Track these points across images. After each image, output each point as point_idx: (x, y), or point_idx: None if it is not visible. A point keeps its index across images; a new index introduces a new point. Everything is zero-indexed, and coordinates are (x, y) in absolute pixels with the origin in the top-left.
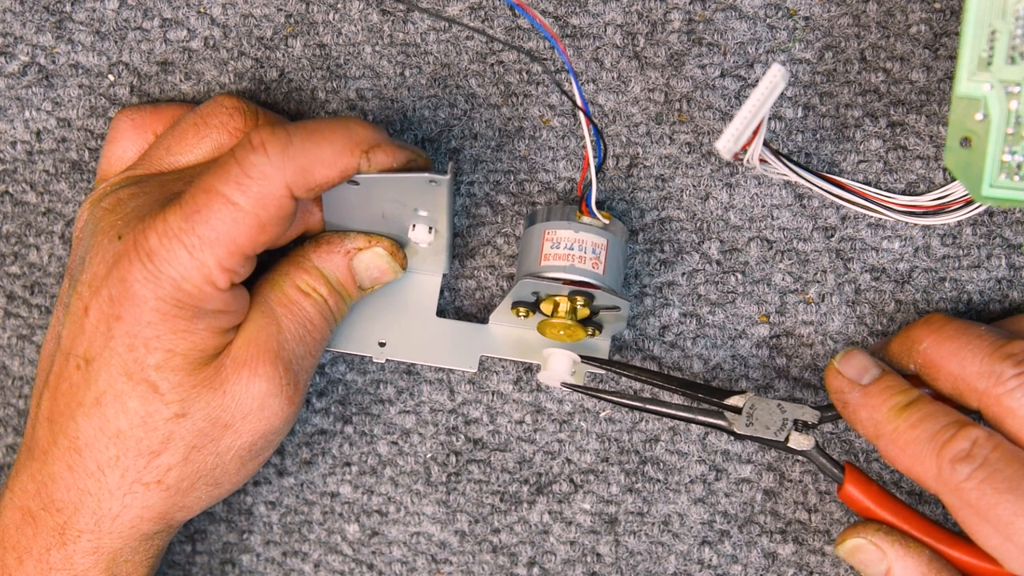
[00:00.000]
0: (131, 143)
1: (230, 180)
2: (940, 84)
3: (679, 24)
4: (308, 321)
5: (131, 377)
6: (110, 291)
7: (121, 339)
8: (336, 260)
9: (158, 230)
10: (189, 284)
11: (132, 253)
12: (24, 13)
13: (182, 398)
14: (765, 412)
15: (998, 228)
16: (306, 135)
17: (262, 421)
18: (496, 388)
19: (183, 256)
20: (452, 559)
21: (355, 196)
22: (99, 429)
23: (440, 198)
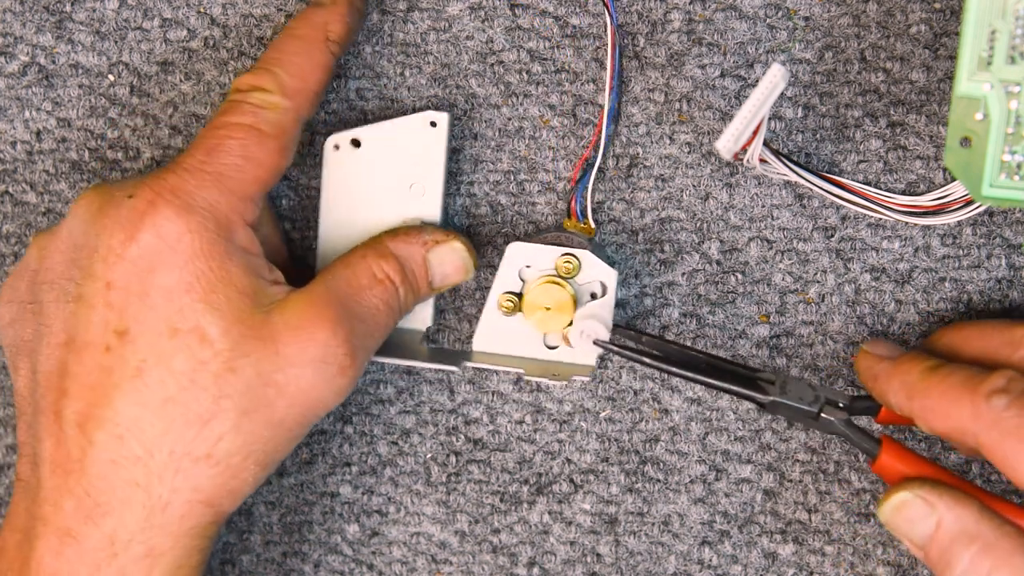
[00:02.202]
0: None
1: (245, 112)
2: (940, 84)
3: (679, 24)
4: (377, 305)
5: (175, 330)
6: (138, 247)
7: (158, 292)
8: (413, 250)
9: (176, 171)
10: (220, 219)
11: (155, 198)
12: (24, 13)
13: (231, 346)
14: (797, 387)
15: (998, 228)
16: (281, 60)
17: (316, 389)
18: (496, 388)
19: (207, 192)
20: (452, 559)
21: (357, 164)
22: (142, 404)
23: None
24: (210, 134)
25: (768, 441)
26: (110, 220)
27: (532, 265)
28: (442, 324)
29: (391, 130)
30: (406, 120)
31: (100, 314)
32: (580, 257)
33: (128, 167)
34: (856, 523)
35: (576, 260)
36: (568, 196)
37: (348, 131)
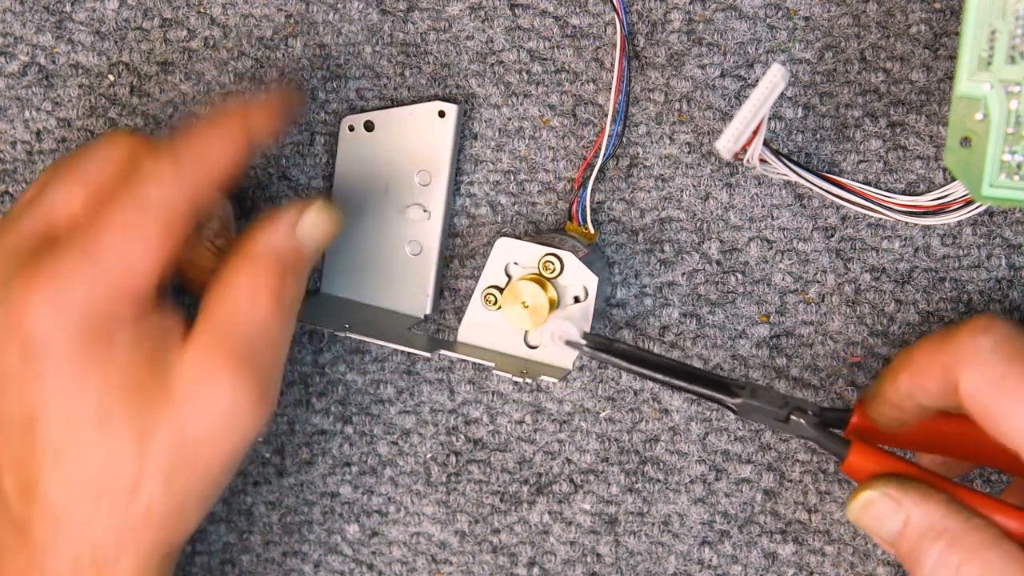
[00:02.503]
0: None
1: (129, 207)
2: (940, 84)
3: (679, 24)
4: (264, 322)
5: (75, 419)
6: (22, 350)
7: (52, 389)
8: (281, 234)
9: (49, 270)
10: (97, 317)
11: (29, 304)
12: (24, 13)
13: (139, 422)
14: (767, 394)
15: (998, 228)
16: (189, 145)
17: (235, 430)
18: (496, 388)
19: (81, 290)
20: (452, 559)
21: (368, 149)
22: (68, 484)
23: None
24: (96, 226)
25: (768, 441)
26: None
27: (519, 262)
28: (442, 324)
29: (403, 116)
30: (417, 108)
31: (10, 401)
32: (563, 259)
33: None
34: None
35: (559, 262)
36: (570, 198)
37: (363, 114)
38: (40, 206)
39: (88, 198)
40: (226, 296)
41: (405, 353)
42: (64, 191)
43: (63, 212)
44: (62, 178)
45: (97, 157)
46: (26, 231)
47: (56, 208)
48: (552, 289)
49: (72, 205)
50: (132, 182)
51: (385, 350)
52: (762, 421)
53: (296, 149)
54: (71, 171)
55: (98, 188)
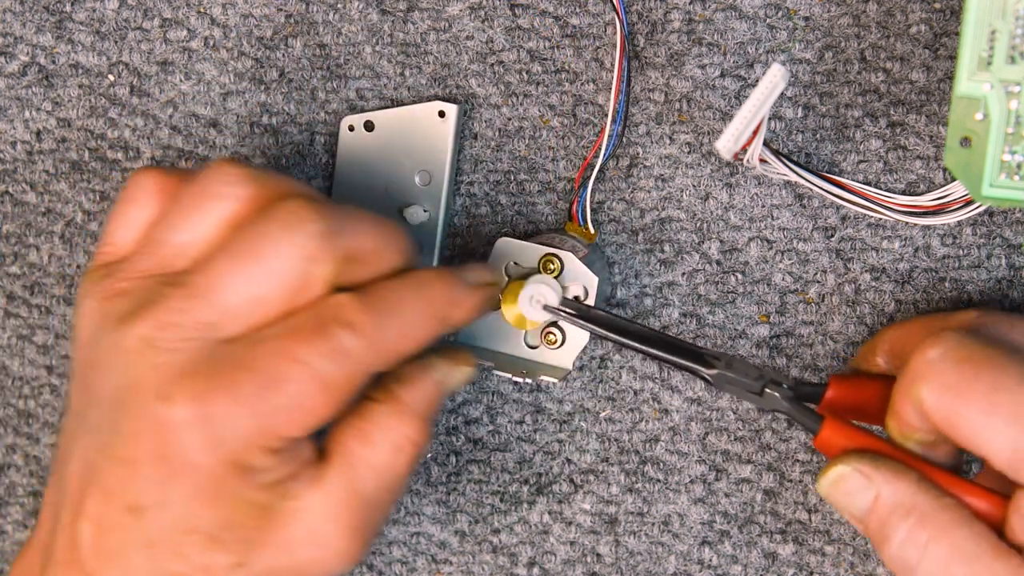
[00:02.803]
0: (150, 206)
1: (323, 354)
2: (940, 84)
3: (679, 24)
4: (399, 480)
5: (188, 531)
6: (162, 453)
7: (177, 498)
8: (428, 393)
9: (223, 396)
10: (252, 450)
11: (187, 418)
12: (24, 13)
13: (244, 550)
14: (742, 365)
15: (998, 228)
16: (391, 311)
17: (327, 574)
18: (496, 388)
19: (249, 423)
20: (452, 559)
21: (368, 149)
22: (153, 570)
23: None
24: (276, 360)
25: (768, 441)
26: (139, 408)
27: (519, 262)
28: None
29: (403, 116)
30: (418, 108)
31: (122, 481)
32: (563, 259)
33: (128, 167)
34: None
35: (558, 262)
36: (570, 198)
37: (363, 114)
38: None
39: (269, 299)
40: (371, 440)
41: None
42: (240, 277)
43: (235, 301)
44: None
45: (281, 248)
46: (188, 307)
47: (226, 296)
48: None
49: (245, 293)
50: (329, 322)
51: None
52: (736, 393)
53: (296, 149)
54: (246, 253)
55: (282, 294)
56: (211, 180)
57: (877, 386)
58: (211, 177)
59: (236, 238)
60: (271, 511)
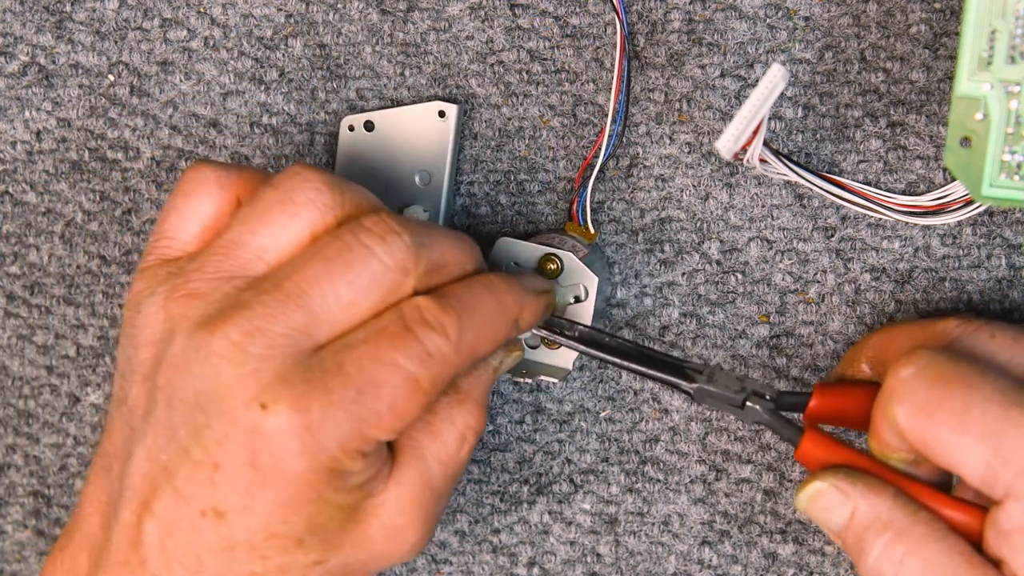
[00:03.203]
0: (211, 200)
1: (414, 356)
2: (940, 84)
3: (679, 24)
4: (461, 468)
5: (273, 535)
6: (253, 460)
7: (266, 504)
8: (485, 379)
9: (321, 401)
10: (347, 455)
11: (286, 426)
12: (24, 13)
13: (324, 549)
14: (724, 377)
15: (998, 228)
16: (470, 313)
17: (388, 566)
18: (496, 388)
19: (346, 428)
20: (452, 559)
21: (368, 149)
22: (229, 570)
23: (446, 135)
24: (370, 364)
25: (768, 441)
26: (231, 413)
27: (519, 262)
28: None
29: (403, 116)
30: (418, 108)
31: (201, 484)
32: (563, 259)
33: (128, 167)
34: None
35: (558, 262)
36: (570, 198)
37: (363, 114)
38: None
39: (361, 306)
40: (438, 433)
41: None
42: (336, 284)
43: (326, 307)
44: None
45: (375, 257)
46: (281, 311)
47: (318, 302)
48: None
49: (336, 301)
50: (415, 324)
51: None
52: (718, 407)
53: (296, 149)
54: (340, 260)
55: (373, 302)
56: (295, 186)
57: (862, 394)
58: (294, 183)
59: (328, 245)
60: (354, 511)
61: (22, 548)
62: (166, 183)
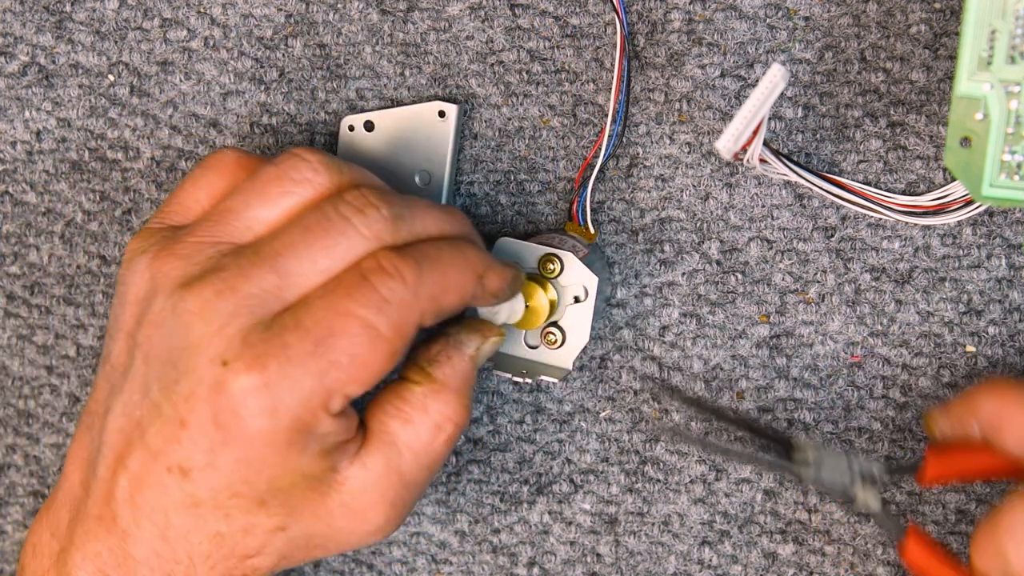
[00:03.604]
0: (228, 176)
1: (369, 304)
2: (940, 84)
3: (679, 24)
4: (437, 460)
5: (236, 494)
6: (216, 417)
7: (227, 462)
8: (465, 369)
9: (279, 357)
10: (308, 412)
11: (246, 384)
12: (24, 13)
13: (286, 514)
14: (832, 459)
15: (998, 228)
16: (430, 262)
17: (354, 546)
18: (496, 388)
19: (306, 383)
20: (452, 559)
21: (368, 149)
22: (194, 527)
23: (446, 135)
24: (325, 315)
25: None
26: (196, 370)
27: (519, 262)
28: None
29: (403, 116)
30: (418, 108)
31: (169, 441)
32: (563, 259)
33: (128, 167)
34: (856, 523)
35: (558, 262)
36: (570, 198)
37: (363, 114)
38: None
39: (326, 267)
40: (410, 421)
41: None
42: (310, 249)
43: (299, 271)
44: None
45: (352, 227)
46: (254, 273)
47: (292, 265)
48: (552, 290)
49: (312, 266)
50: (370, 273)
51: None
52: (827, 492)
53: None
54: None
55: (344, 262)
56: (293, 165)
57: (976, 459)
58: (293, 162)
59: (308, 215)
60: (317, 480)
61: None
62: (166, 183)
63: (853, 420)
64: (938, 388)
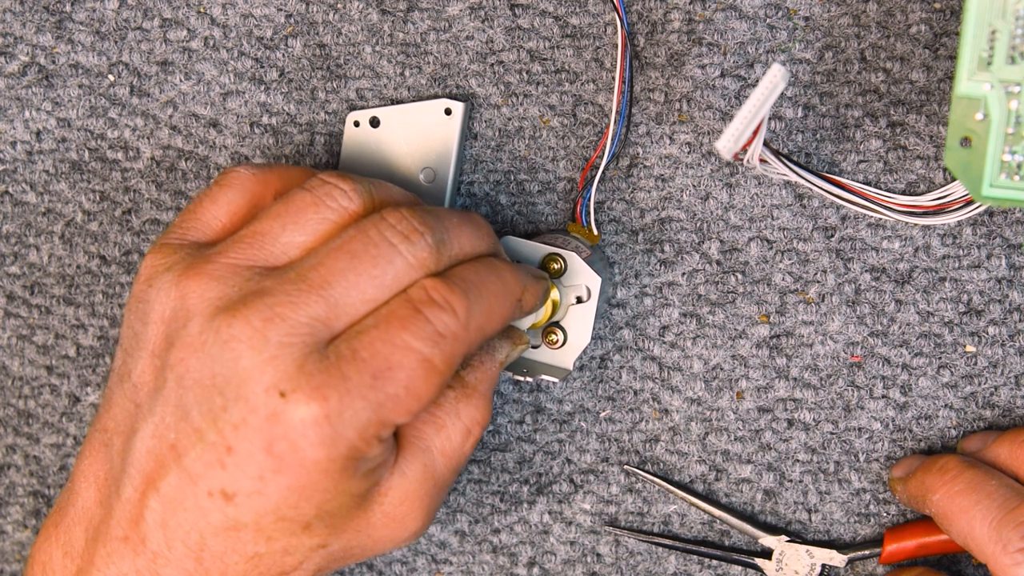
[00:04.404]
0: (247, 193)
1: (425, 337)
2: (940, 84)
3: (679, 24)
4: (464, 461)
5: (281, 519)
6: (270, 446)
7: (278, 490)
8: (491, 372)
9: (339, 389)
10: (363, 442)
11: (306, 416)
12: (24, 13)
13: (328, 533)
14: (794, 558)
15: (998, 228)
16: (476, 292)
17: (388, 551)
18: (496, 388)
19: (365, 415)
20: (452, 559)
21: (373, 145)
22: (231, 549)
23: (452, 133)
24: (383, 347)
25: (768, 441)
26: (250, 399)
27: (522, 262)
28: None
29: (409, 113)
30: (424, 105)
31: (211, 466)
32: (567, 259)
33: (128, 167)
34: (856, 523)
35: (563, 261)
36: (569, 198)
37: (368, 109)
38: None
39: (380, 301)
40: (443, 426)
41: None
42: (358, 277)
43: (348, 301)
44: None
45: (399, 255)
46: (303, 300)
47: (340, 295)
48: (555, 290)
49: (360, 295)
50: (424, 305)
51: None
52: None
53: (296, 149)
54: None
55: (391, 290)
56: (328, 193)
57: (933, 537)
58: (326, 189)
59: (353, 240)
60: (362, 498)
61: (22, 548)
62: (166, 183)
63: (853, 420)
64: (938, 388)
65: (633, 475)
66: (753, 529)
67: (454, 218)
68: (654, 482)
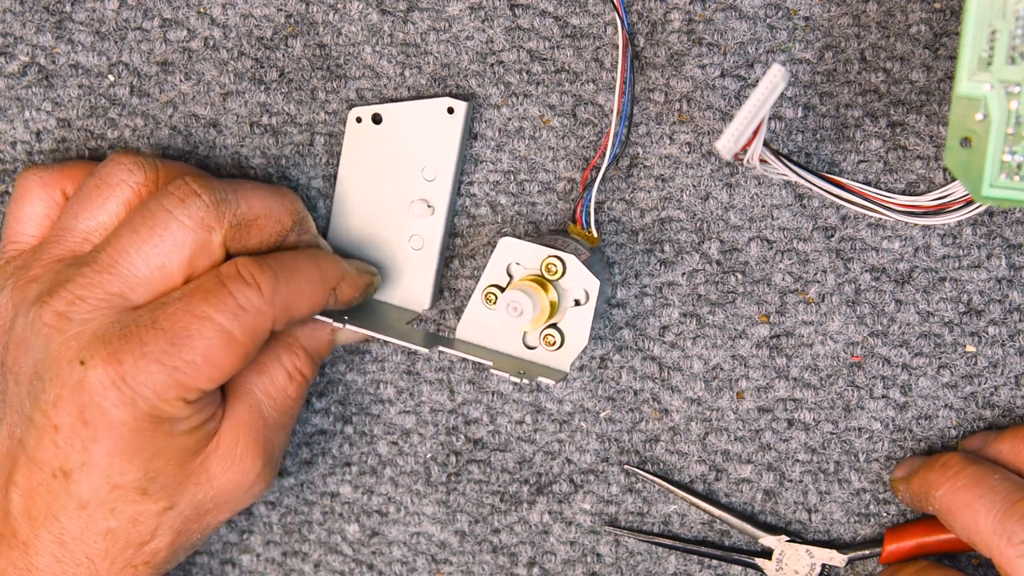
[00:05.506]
0: (40, 201)
1: (225, 310)
2: (940, 84)
3: (679, 24)
4: (292, 404)
5: (116, 487)
6: (82, 415)
7: (101, 456)
8: (321, 335)
9: (134, 353)
10: (165, 403)
11: (103, 378)
12: (24, 13)
13: (170, 494)
14: (794, 558)
15: (998, 228)
16: (287, 273)
17: (242, 502)
18: (496, 388)
19: (161, 378)
20: (452, 559)
21: (374, 141)
22: (86, 528)
23: (454, 132)
24: (183, 317)
25: (768, 441)
26: (59, 374)
27: (521, 263)
28: (442, 324)
29: (411, 111)
30: (427, 103)
31: (47, 447)
32: (566, 262)
33: None
34: (856, 523)
35: (561, 264)
36: (570, 198)
37: (371, 106)
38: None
39: (170, 266)
40: (266, 374)
41: (405, 352)
42: (142, 249)
43: (137, 272)
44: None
45: (176, 219)
46: (97, 280)
47: (129, 268)
48: (553, 291)
49: (146, 265)
50: (229, 280)
51: (385, 350)
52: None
53: (296, 149)
54: (145, 226)
55: (181, 261)
56: (110, 171)
57: (935, 535)
58: (109, 168)
59: (135, 215)
60: (192, 452)
61: None
62: None
63: (853, 420)
64: (938, 388)
65: (633, 475)
66: (753, 529)
67: (247, 184)
68: (654, 482)
